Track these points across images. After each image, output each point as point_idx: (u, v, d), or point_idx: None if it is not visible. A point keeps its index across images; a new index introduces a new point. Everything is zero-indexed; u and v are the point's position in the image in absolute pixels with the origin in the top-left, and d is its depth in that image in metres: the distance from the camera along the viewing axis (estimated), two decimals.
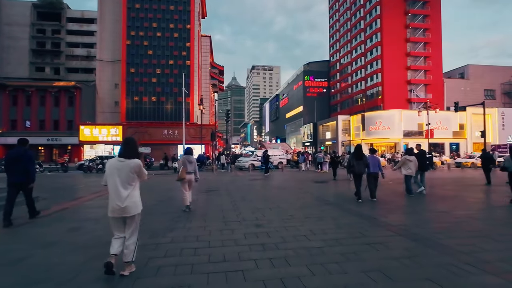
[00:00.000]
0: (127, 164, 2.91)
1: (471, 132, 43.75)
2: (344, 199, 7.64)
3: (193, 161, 6.55)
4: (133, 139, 3.17)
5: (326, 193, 8.74)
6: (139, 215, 3.02)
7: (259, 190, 9.54)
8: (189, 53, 42.29)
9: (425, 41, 51.89)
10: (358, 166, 7.24)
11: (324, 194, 8.62)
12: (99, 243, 3.90)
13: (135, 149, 3.05)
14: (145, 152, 4.66)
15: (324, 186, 10.81)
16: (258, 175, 16.18)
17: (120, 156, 2.98)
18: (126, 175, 2.90)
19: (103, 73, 42.50)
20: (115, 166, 2.92)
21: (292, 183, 11.76)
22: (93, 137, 37.09)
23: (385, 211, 5.99)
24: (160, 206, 6.78)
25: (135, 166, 2.94)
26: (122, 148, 3.01)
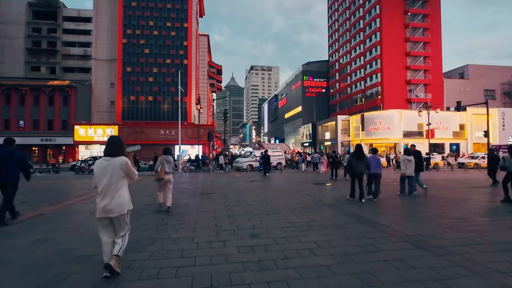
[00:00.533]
0: (113, 162, 2.84)
1: (471, 132, 43.34)
2: (346, 202, 7.03)
3: (171, 161, 6.50)
4: (118, 137, 3.10)
5: (327, 196, 8.13)
6: (126, 215, 2.91)
7: (256, 193, 8.91)
8: (187, 52, 41.64)
9: (424, 41, 51.51)
10: (359, 166, 7.04)
11: (326, 197, 8.01)
12: (65, 259, 3.26)
13: (120, 147, 2.97)
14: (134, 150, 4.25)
15: (325, 188, 10.20)
16: (256, 176, 15.56)
17: (105, 155, 2.91)
18: (113, 174, 2.82)
19: (99, 72, 41.78)
20: (102, 165, 2.86)
21: (291, 185, 11.14)
22: (88, 137, 36.30)
23: (393, 216, 5.39)
24: (147, 211, 6.13)
25: (122, 164, 2.86)
26: (106, 147, 2.95)
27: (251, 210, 6.14)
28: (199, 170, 20.72)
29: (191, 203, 7.14)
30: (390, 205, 6.83)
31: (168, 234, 4.32)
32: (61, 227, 4.87)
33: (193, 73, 42.25)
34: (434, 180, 12.97)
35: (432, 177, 14.66)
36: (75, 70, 54.12)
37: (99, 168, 2.86)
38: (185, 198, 7.83)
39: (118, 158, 2.87)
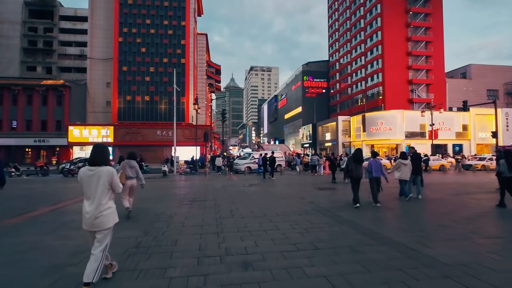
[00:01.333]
0: (98, 173, 2.71)
1: (475, 133, 42.52)
2: (357, 214, 6.08)
3: (134, 165, 6.12)
4: (102, 145, 2.89)
5: (333, 205, 7.15)
6: (110, 229, 2.78)
7: (253, 200, 7.94)
8: (184, 51, 40.70)
9: (426, 40, 50.67)
10: (357, 170, 6.88)
11: (331, 205, 7.03)
12: None
13: (106, 155, 2.82)
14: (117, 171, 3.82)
15: (329, 194, 9.22)
16: (254, 180, 14.60)
17: (89, 164, 2.76)
18: (98, 185, 2.69)
19: (94, 71, 40.82)
20: (86, 176, 2.71)
21: (292, 190, 10.17)
22: (83, 138, 35.32)
23: (417, 233, 4.43)
24: (121, 227, 5.16)
25: (107, 175, 2.72)
26: (91, 155, 2.77)
27: (245, 224, 5.18)
28: (194, 172, 19.77)
29: (177, 213, 6.18)
30: (406, 214, 5.90)
31: (135, 262, 3.35)
32: (8, 243, 3.90)
33: (191, 72, 41.31)
34: (448, 184, 12.02)
35: (445, 180, 13.73)
36: (71, 70, 53.17)
37: (83, 178, 2.71)
38: (172, 207, 6.87)
39: (105, 169, 2.72)
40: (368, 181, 7.30)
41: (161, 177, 16.93)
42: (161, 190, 10.66)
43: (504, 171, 6.51)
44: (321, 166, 18.24)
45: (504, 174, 6.56)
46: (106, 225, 2.68)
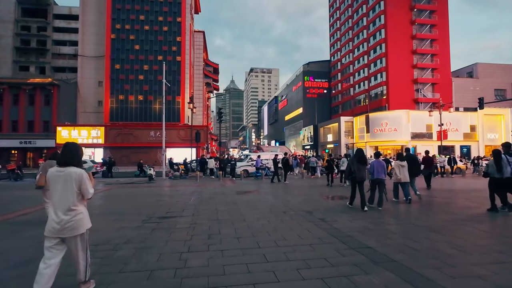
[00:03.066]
0: (67, 174, 2.47)
1: (483, 134, 40.70)
2: (380, 240, 4.12)
3: None
4: (74, 144, 2.63)
5: (354, 224, 5.18)
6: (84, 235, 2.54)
7: (245, 217, 5.97)
8: (180, 49, 38.90)
9: (432, 38, 48.92)
10: (359, 172, 6.60)
11: (353, 226, 5.06)
12: None
13: (77, 155, 2.57)
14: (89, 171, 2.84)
15: (342, 206, 7.25)
16: (251, 185, 12.63)
17: (59, 164, 2.52)
18: (67, 187, 2.45)
19: (86, 70, 39.04)
20: (54, 177, 2.49)
21: (294, 200, 8.20)
22: (72, 139, 33.31)
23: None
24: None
25: (77, 177, 2.47)
26: (60, 155, 2.56)
27: (224, 264, 3.22)
28: (185, 176, 17.83)
29: (129, 241, 4.21)
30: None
31: None
32: None
33: (187, 71, 39.49)
34: (470, 190, 10.00)
35: (467, 185, 11.76)
36: (66, 70, 51.42)
37: (50, 180, 2.48)
38: (129, 228, 4.92)
39: (74, 170, 2.49)
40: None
41: (146, 182, 14.99)
42: (134, 199, 8.71)
43: (493, 172, 6.16)
44: (319, 168, 17.68)
45: (492, 175, 6.20)
46: (76, 231, 2.45)
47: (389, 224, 5.10)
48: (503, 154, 6.14)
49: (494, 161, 6.16)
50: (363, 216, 5.84)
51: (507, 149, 6.26)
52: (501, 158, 6.03)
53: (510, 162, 5.96)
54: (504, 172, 5.97)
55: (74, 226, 2.45)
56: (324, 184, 12.79)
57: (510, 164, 5.93)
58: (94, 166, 20.44)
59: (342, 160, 13.33)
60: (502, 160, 6.01)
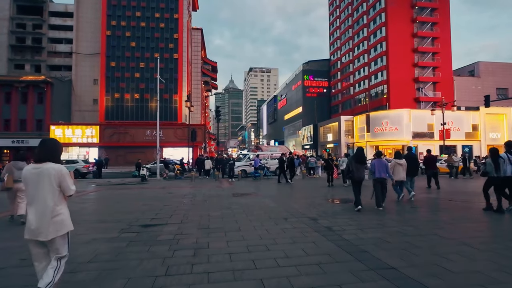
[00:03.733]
0: (45, 170, 2.23)
1: (485, 133, 40.07)
2: (404, 257, 3.36)
3: (23, 167, 4.88)
4: (53, 140, 2.46)
5: (368, 235, 4.42)
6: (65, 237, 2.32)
7: (240, 225, 5.21)
8: (177, 46, 38.06)
9: (433, 36, 48.25)
10: (358, 171, 6.55)
11: (365, 237, 4.30)
12: None
13: (56, 152, 2.36)
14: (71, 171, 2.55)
15: (350, 210, 6.49)
16: (249, 187, 11.88)
17: (35, 161, 2.29)
18: (44, 185, 2.23)
19: (81, 67, 38.16)
20: (29, 175, 2.25)
21: (296, 203, 7.46)
22: (66, 138, 32.52)
23: None
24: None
25: (57, 173, 2.25)
26: (37, 151, 2.32)
27: None
28: (181, 177, 17.06)
29: (95, 259, 3.44)
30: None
31: None
32: None
33: (185, 68, 38.65)
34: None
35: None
36: (61, 68, 50.50)
37: (26, 178, 2.25)
38: (99, 241, 4.14)
39: (52, 166, 2.26)
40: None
41: (138, 183, 14.21)
42: (120, 203, 7.94)
43: (491, 171, 6.11)
44: (319, 168, 17.64)
45: (490, 174, 6.17)
46: (56, 232, 2.23)
47: (407, 234, 4.35)
48: (504, 153, 6.06)
49: (491, 160, 6.07)
50: (375, 224, 5.08)
51: (509, 148, 6.13)
52: (499, 156, 5.96)
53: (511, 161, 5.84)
54: (502, 171, 5.88)
55: (56, 227, 2.24)
56: (325, 184, 12.05)
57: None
58: (85, 166, 19.65)
59: (342, 159, 12.79)
60: (501, 158, 5.93)
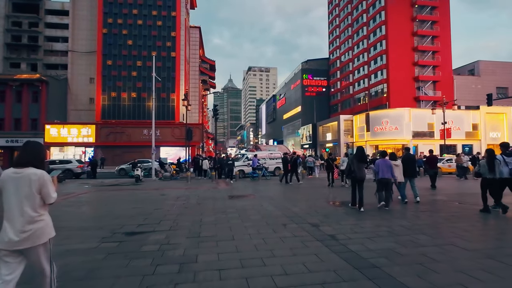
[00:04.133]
0: (26, 176, 2.12)
1: (485, 132, 39.76)
2: (423, 275, 2.89)
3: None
4: (36, 143, 2.33)
5: (378, 246, 3.94)
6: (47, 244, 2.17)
7: (234, 232, 4.72)
8: (175, 44, 37.49)
9: (433, 35, 47.87)
10: (359, 171, 6.45)
11: (375, 248, 3.82)
12: None
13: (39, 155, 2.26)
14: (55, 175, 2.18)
15: (354, 214, 6.03)
16: (247, 188, 11.40)
17: (15, 165, 2.17)
18: (25, 192, 2.10)
19: (76, 66, 37.53)
20: (9, 179, 2.12)
21: (294, 206, 6.98)
22: (61, 138, 31.99)
23: None
24: None
25: (38, 179, 2.12)
26: (19, 154, 2.23)
27: None
28: (176, 177, 16.56)
29: (64, 275, 2.95)
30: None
31: None
32: None
33: (182, 67, 38.10)
34: None
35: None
36: (58, 67, 49.80)
37: (5, 183, 2.12)
38: (74, 253, 3.66)
39: (34, 171, 2.14)
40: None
41: (131, 184, 13.70)
42: (107, 206, 7.45)
43: (485, 172, 6.08)
44: (317, 168, 17.41)
45: (484, 175, 6.13)
46: (37, 241, 2.10)
47: (421, 244, 3.88)
48: (500, 154, 5.99)
49: (486, 161, 5.97)
50: (383, 232, 4.61)
51: (505, 149, 6.10)
52: (494, 158, 5.89)
53: (507, 162, 5.78)
54: (496, 172, 5.81)
55: (35, 235, 2.11)
56: (324, 185, 11.59)
57: (508, 165, 5.76)
58: (79, 166, 19.12)
59: (342, 159, 12.38)
60: (497, 160, 5.86)
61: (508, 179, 5.80)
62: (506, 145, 6.22)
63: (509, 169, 5.76)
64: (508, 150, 6.15)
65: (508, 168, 5.77)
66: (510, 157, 5.90)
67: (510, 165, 5.81)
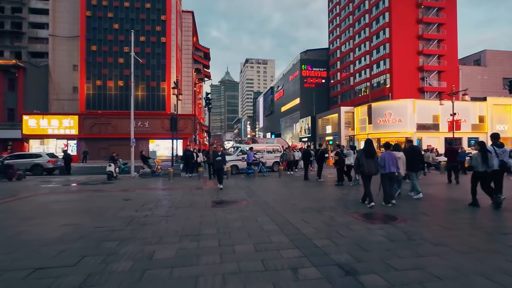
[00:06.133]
0: None
1: (492, 125, 37.86)
2: None
3: None
4: None
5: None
6: None
7: (214, 261, 2.50)
8: (165, 28, 34.71)
9: (439, 22, 45.44)
10: (369, 165, 6.06)
11: None
12: None
13: None
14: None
15: (393, 237, 3.86)
16: (238, 188, 9.20)
17: None
18: None
19: (59, 52, 34.68)
20: None
21: (303, 223, 4.78)
22: (41, 129, 29.46)
23: None
24: None
25: None
26: None
27: None
28: (159, 174, 14.32)
29: None
30: None
31: None
32: None
33: (173, 53, 35.40)
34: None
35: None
36: (44, 55, 46.69)
37: None
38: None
39: None
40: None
41: (102, 182, 11.44)
42: (34, 220, 5.19)
43: (476, 165, 5.91)
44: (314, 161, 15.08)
45: (476, 169, 5.97)
46: None
47: None
48: (491, 146, 5.93)
49: (479, 153, 5.86)
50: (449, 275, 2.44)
51: (496, 140, 6.01)
52: (487, 150, 5.81)
53: (498, 154, 5.75)
54: (489, 165, 5.73)
55: None
56: (331, 183, 9.45)
57: (498, 156, 5.73)
58: (51, 160, 16.77)
59: (348, 152, 10.30)
60: (490, 153, 5.77)
61: (497, 171, 5.70)
62: (497, 136, 6.06)
63: (499, 161, 5.66)
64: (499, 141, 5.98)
65: (498, 160, 5.67)
66: (500, 148, 5.75)
67: (501, 157, 5.69)
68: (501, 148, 5.76)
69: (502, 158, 5.67)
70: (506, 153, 5.80)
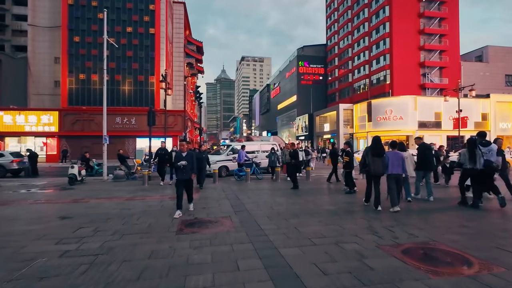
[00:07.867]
0: None
1: (495, 123, 36.59)
2: None
3: None
4: None
5: None
6: None
7: None
8: (153, 19, 32.48)
9: (441, 16, 43.92)
10: (375, 165, 5.71)
11: None
12: None
13: None
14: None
15: None
16: (223, 199, 7.26)
17: None
18: None
19: (38, 43, 32.25)
20: None
21: (319, 268, 2.91)
22: (17, 126, 27.11)
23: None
24: None
25: None
26: None
27: None
28: (134, 177, 12.32)
29: None
30: None
31: None
32: None
33: (163, 46, 33.20)
34: None
35: None
36: None
37: None
38: None
39: None
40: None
41: (62, 187, 9.41)
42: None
43: (464, 162, 5.84)
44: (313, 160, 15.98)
45: (464, 166, 5.88)
46: None
47: None
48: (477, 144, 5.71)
49: (467, 150, 5.73)
50: None
51: (482, 138, 5.92)
52: (476, 147, 5.62)
53: (483, 153, 5.60)
54: (477, 163, 5.57)
55: None
56: (338, 188, 7.59)
57: (484, 155, 5.57)
58: (14, 161, 14.63)
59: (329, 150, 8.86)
60: (479, 150, 5.59)
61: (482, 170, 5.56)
62: (483, 134, 6.01)
63: (483, 160, 5.55)
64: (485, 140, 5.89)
65: (483, 159, 5.56)
66: (486, 147, 5.66)
67: (486, 156, 5.57)
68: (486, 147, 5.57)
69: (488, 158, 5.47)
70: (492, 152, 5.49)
